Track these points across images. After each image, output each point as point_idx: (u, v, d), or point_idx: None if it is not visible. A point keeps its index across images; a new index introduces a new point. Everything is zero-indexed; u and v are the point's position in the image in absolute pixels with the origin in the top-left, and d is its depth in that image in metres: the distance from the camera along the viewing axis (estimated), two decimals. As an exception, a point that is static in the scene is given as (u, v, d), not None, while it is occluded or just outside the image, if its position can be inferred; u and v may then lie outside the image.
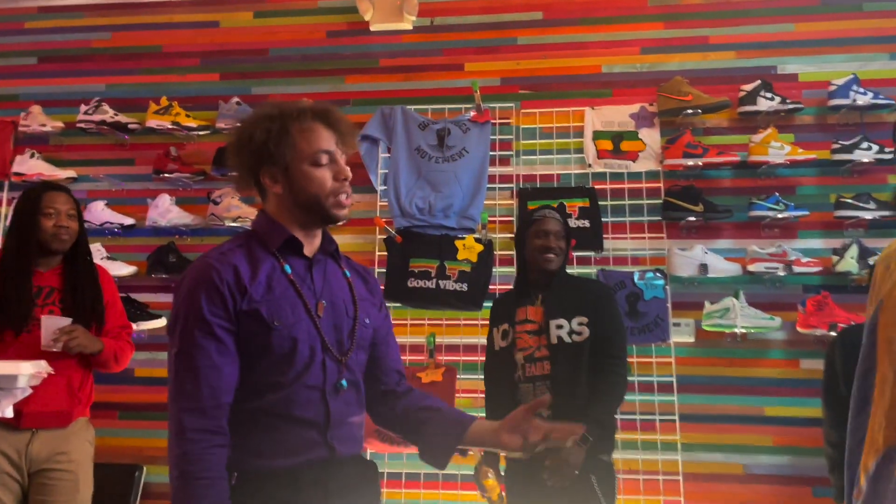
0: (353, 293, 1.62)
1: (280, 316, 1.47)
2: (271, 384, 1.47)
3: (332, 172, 1.52)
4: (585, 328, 2.45)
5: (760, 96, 3.35)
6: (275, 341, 1.45)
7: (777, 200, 3.25)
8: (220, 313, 1.43)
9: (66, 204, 2.54)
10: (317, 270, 1.58)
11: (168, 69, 3.96)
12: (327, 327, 1.53)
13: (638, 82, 3.60)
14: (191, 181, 3.73)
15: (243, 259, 1.50)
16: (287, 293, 1.50)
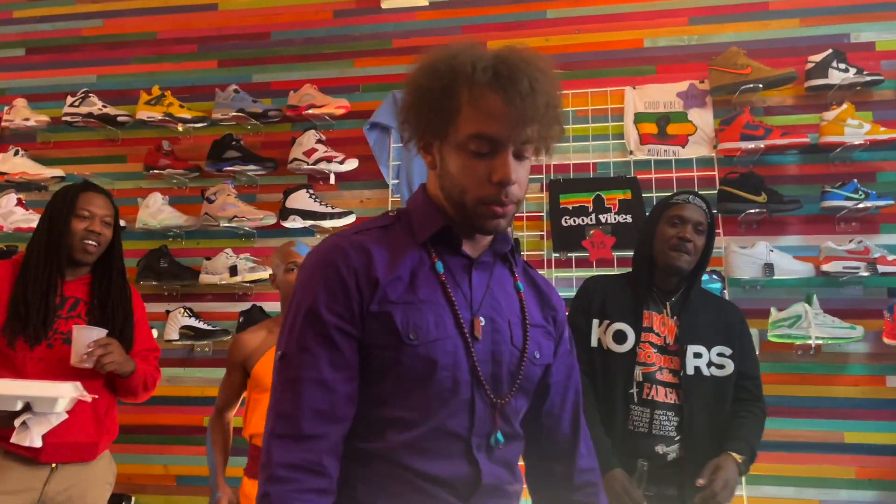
0: (524, 314, 1.20)
1: (419, 327, 1.08)
2: (395, 420, 1.09)
3: (488, 170, 1.08)
4: (729, 361, 2.03)
5: (832, 68, 2.86)
6: (406, 360, 1.07)
7: (855, 188, 2.76)
8: (342, 311, 1.08)
9: (104, 209, 2.21)
10: (479, 275, 1.17)
11: (163, 57, 3.62)
12: (483, 355, 1.12)
13: (686, 56, 3.14)
14: (185, 178, 3.37)
15: (382, 244, 1.13)
16: (433, 298, 1.11)
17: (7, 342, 2.06)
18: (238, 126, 3.39)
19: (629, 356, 2.01)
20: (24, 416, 1.94)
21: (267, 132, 3.42)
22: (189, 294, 3.31)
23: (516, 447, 1.18)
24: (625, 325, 2.04)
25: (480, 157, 1.07)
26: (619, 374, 2.01)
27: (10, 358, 2.07)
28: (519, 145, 1.07)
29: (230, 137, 3.28)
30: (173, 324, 3.17)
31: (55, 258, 2.14)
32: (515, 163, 1.08)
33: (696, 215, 2.06)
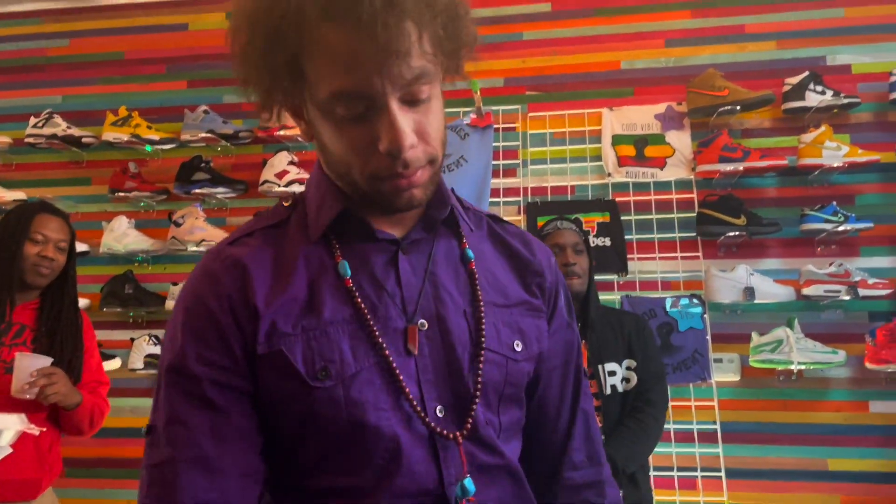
0: (475, 294, 0.89)
1: (330, 360, 0.80)
2: (335, 495, 0.82)
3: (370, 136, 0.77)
4: (633, 374, 2.06)
5: (809, 90, 2.84)
6: (322, 410, 0.80)
7: (835, 211, 2.73)
8: (218, 359, 0.80)
9: (59, 233, 2.11)
10: (410, 262, 0.88)
11: (131, 77, 3.52)
12: (431, 373, 0.84)
13: (663, 78, 3.11)
14: (153, 201, 3.27)
15: (265, 254, 0.85)
16: (344, 315, 0.82)
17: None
18: (208, 147, 3.30)
19: None
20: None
21: (238, 154, 3.33)
22: (155, 321, 3.19)
23: (508, 477, 0.89)
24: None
25: (355, 122, 0.77)
26: None
27: None
28: (402, 89, 0.76)
29: (199, 159, 3.19)
30: (138, 352, 3.05)
31: (4, 281, 2.04)
32: (406, 114, 0.77)
33: (571, 237, 2.11)
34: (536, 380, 0.96)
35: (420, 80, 0.76)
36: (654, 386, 2.07)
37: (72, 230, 2.18)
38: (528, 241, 1.00)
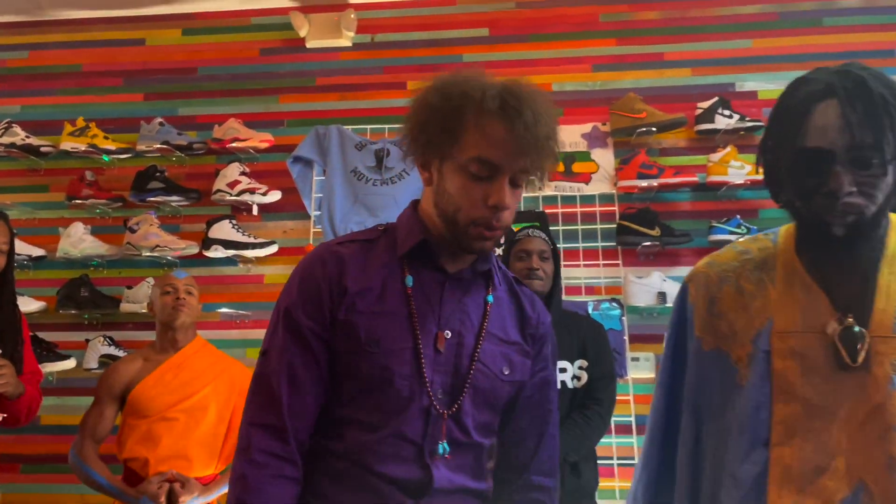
0: (483, 325, 1.24)
1: (379, 338, 1.16)
2: (356, 422, 1.18)
3: (485, 193, 1.13)
4: (585, 374, 2.26)
5: (718, 114, 3.15)
6: (365, 368, 1.16)
7: (738, 224, 3.02)
8: (314, 314, 1.18)
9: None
10: (451, 290, 1.23)
11: (88, 89, 3.67)
12: (443, 367, 1.19)
13: (590, 101, 3.39)
14: (108, 208, 3.42)
15: (359, 255, 1.22)
16: (399, 310, 1.19)
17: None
18: (162, 158, 3.46)
19: None
20: None
21: (192, 164, 3.50)
22: (109, 323, 3.34)
23: (472, 455, 1.22)
24: None
25: (478, 180, 1.13)
26: None
27: None
28: (516, 173, 1.14)
29: (154, 169, 3.35)
30: (93, 352, 3.19)
31: None
32: (509, 189, 1.14)
33: (539, 245, 2.30)
34: (514, 404, 1.29)
35: (525, 173, 1.16)
36: (603, 386, 2.27)
37: (11, 231, 2.24)
38: (534, 303, 1.35)
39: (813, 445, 1.08)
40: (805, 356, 1.12)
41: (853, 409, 1.07)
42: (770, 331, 1.16)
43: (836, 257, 1.14)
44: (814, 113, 1.09)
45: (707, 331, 1.24)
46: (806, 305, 1.14)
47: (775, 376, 1.13)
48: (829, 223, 1.07)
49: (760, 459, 1.12)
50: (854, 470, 1.05)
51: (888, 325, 1.07)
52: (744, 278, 1.23)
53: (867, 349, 1.07)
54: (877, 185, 1.06)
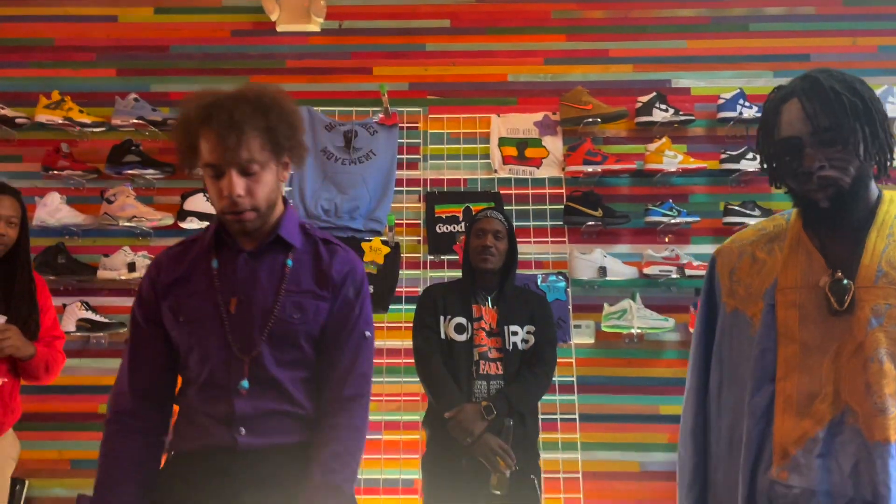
0: (281, 285, 1.55)
1: (186, 311, 1.53)
2: (188, 378, 1.57)
3: (220, 189, 1.46)
4: (532, 337, 2.55)
5: (656, 108, 3.50)
6: (180, 335, 1.54)
7: (671, 207, 3.39)
8: (145, 307, 1.58)
9: (9, 209, 2.35)
10: (246, 264, 1.56)
11: (61, 63, 3.77)
12: (236, 324, 1.52)
13: (542, 91, 3.70)
14: (83, 179, 3.56)
15: (179, 254, 1.60)
16: (200, 289, 1.54)
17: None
18: (136, 132, 3.61)
19: (468, 343, 2.51)
20: None
21: (165, 139, 3.65)
22: (85, 289, 3.49)
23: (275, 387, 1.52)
24: (462, 318, 2.54)
25: (216, 179, 1.46)
26: (462, 357, 2.49)
27: None
28: (237, 166, 1.43)
29: (130, 142, 3.51)
30: (70, 317, 3.35)
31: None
32: (243, 179, 1.44)
33: (495, 225, 2.59)
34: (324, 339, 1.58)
35: (250, 162, 1.44)
36: (547, 349, 2.56)
37: (23, 206, 2.42)
38: (333, 257, 1.62)
39: (808, 378, 1.31)
40: (803, 306, 1.35)
41: (841, 346, 1.29)
42: (775, 287, 1.41)
43: (833, 227, 1.38)
44: (782, 111, 1.38)
45: (729, 295, 1.50)
46: (806, 267, 1.39)
47: (779, 324, 1.38)
48: (815, 199, 1.33)
49: (768, 392, 1.36)
50: (841, 395, 1.27)
51: (871, 277, 1.29)
52: (759, 249, 1.48)
53: (852, 297, 1.30)
54: (845, 158, 1.31)
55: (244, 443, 1.50)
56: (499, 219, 2.61)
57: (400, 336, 3.31)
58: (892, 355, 1.26)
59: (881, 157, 1.37)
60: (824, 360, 1.31)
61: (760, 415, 1.37)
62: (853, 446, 1.26)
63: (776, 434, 1.34)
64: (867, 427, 1.25)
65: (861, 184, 1.34)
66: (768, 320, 1.40)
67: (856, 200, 1.34)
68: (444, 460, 2.45)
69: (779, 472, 1.32)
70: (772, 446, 1.34)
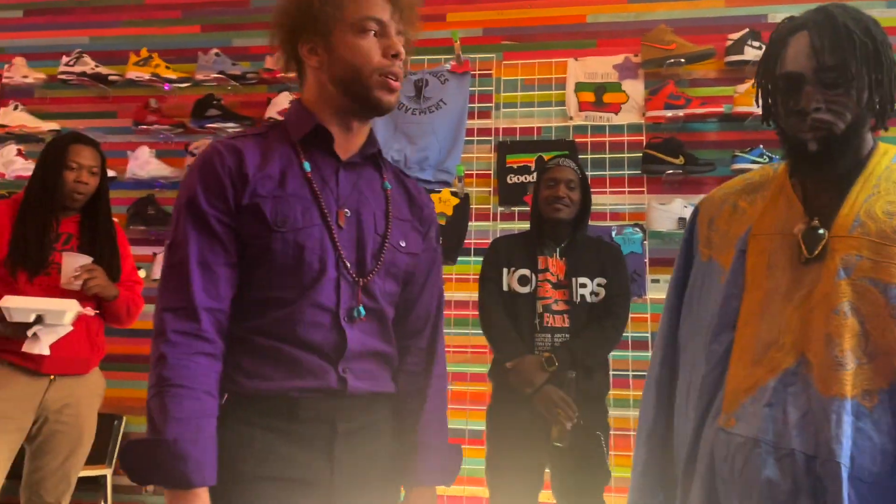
0: (388, 208, 1.36)
1: (286, 217, 1.24)
2: (273, 300, 1.25)
3: (382, 47, 1.27)
4: (603, 290, 2.46)
5: (748, 45, 3.22)
6: (276, 246, 1.23)
7: (761, 153, 3.14)
8: (218, 204, 1.23)
9: (91, 160, 2.50)
10: (346, 174, 1.32)
11: (149, 21, 3.92)
12: (347, 241, 1.29)
13: (623, 32, 3.49)
14: (171, 133, 3.71)
15: (254, 147, 1.28)
16: (301, 193, 1.26)
17: (9, 272, 2.37)
18: (219, 87, 3.71)
19: (531, 295, 2.43)
20: (36, 327, 2.26)
21: (246, 93, 3.74)
22: (174, 239, 3.67)
23: (383, 323, 1.34)
24: (526, 269, 2.46)
25: (370, 37, 1.27)
26: (524, 310, 2.42)
27: (13, 286, 2.37)
28: (398, 26, 1.30)
29: (212, 97, 3.62)
30: (160, 265, 3.54)
31: (49, 202, 2.45)
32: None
33: (567, 174, 2.47)
34: (410, 277, 1.41)
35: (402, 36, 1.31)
36: (619, 302, 2.47)
37: (102, 156, 2.56)
38: (417, 188, 1.47)
39: (768, 326, 1.24)
40: (773, 252, 1.29)
41: (806, 296, 1.22)
42: (748, 234, 1.34)
43: (817, 174, 1.27)
44: (789, 43, 1.25)
45: (706, 244, 1.42)
46: (785, 215, 1.30)
47: (747, 271, 1.31)
48: (804, 140, 1.22)
49: (727, 340, 1.30)
50: (798, 345, 1.20)
51: (847, 226, 1.22)
52: (742, 198, 1.40)
53: (825, 246, 1.22)
54: (844, 103, 1.20)
55: (354, 386, 1.28)
56: (571, 167, 2.50)
57: (468, 288, 3.27)
58: (857, 309, 1.18)
59: (882, 107, 1.25)
60: (787, 308, 1.24)
61: (716, 362, 1.31)
62: (803, 398, 1.19)
63: (728, 382, 1.28)
64: (822, 380, 1.17)
65: (854, 132, 1.23)
66: (737, 266, 1.33)
67: (846, 149, 1.24)
68: (506, 411, 2.42)
69: (726, 419, 1.26)
70: (723, 394, 1.28)
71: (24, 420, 2.41)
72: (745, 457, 1.23)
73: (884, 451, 1.14)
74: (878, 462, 1.14)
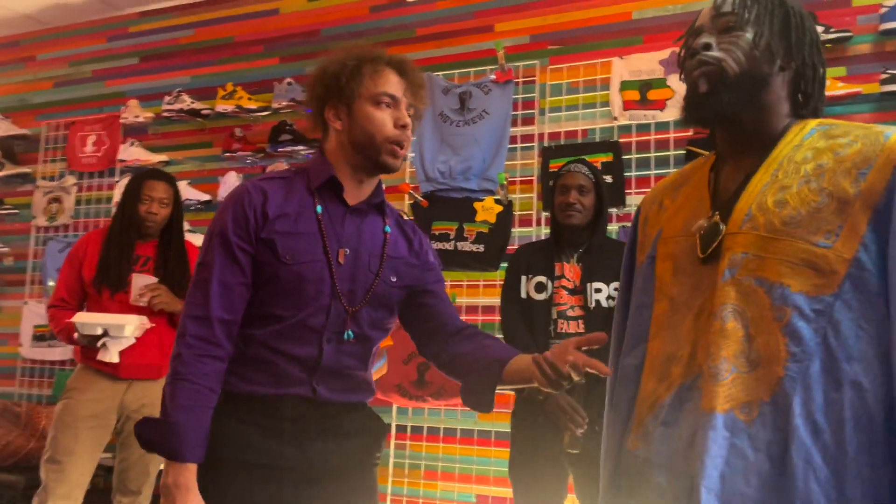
0: (384, 250, 1.59)
1: (293, 252, 1.49)
2: (273, 316, 1.50)
3: (393, 118, 1.52)
4: None
5: (799, 28, 2.99)
6: (282, 275, 1.48)
7: (813, 143, 2.90)
8: (242, 234, 1.48)
9: (161, 192, 2.89)
10: (352, 219, 1.56)
11: (237, 58, 4.34)
12: (343, 275, 1.52)
13: (670, 25, 3.36)
14: (254, 158, 4.09)
15: (278, 189, 1.54)
16: (310, 231, 1.51)
17: (96, 290, 2.82)
18: (293, 113, 4.04)
19: (547, 302, 2.46)
20: (104, 339, 2.67)
21: (317, 116, 4.03)
22: (259, 254, 4.03)
23: (365, 346, 1.57)
24: (543, 276, 2.49)
25: (384, 109, 1.51)
26: (540, 316, 2.45)
27: (98, 301, 2.81)
28: (411, 103, 1.55)
29: (284, 123, 3.95)
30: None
31: (128, 230, 2.86)
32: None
33: (579, 180, 2.46)
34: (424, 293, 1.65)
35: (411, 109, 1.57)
36: None
37: (174, 188, 2.94)
38: (414, 230, 1.70)
39: (672, 337, 1.17)
40: (677, 257, 1.21)
41: (703, 301, 1.13)
42: (658, 238, 1.28)
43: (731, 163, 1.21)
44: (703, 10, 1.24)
45: (640, 249, 1.36)
46: (694, 213, 1.22)
47: (656, 279, 1.25)
48: (694, 80, 1.17)
49: (640, 353, 1.25)
50: (695, 357, 1.11)
51: (739, 221, 1.12)
52: (667, 196, 1.33)
53: (719, 244, 1.12)
54: (737, 43, 1.14)
55: (323, 394, 1.51)
56: (583, 172, 2.51)
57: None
58: (740, 313, 1.07)
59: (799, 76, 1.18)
60: (688, 317, 1.15)
61: (630, 377, 1.25)
62: (694, 415, 1.08)
63: (638, 400, 1.21)
64: (705, 394, 1.07)
65: (754, 84, 1.15)
66: (648, 273, 1.26)
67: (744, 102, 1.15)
68: (525, 416, 2.47)
69: (633, 440, 1.19)
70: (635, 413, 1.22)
71: (108, 418, 2.81)
72: (641, 480, 1.16)
73: (759, 471, 1.02)
74: (753, 484, 1.02)
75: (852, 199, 1.05)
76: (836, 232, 1.04)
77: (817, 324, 1.02)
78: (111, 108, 4.58)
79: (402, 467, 3.44)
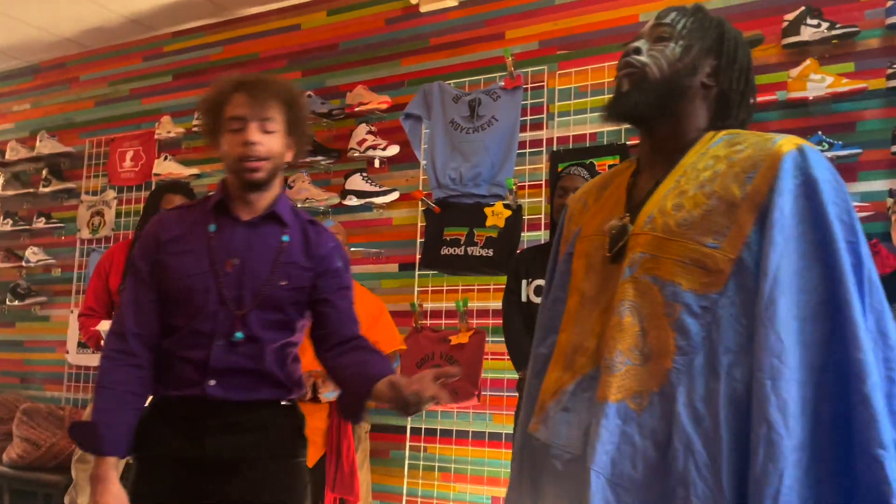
0: (277, 257, 1.72)
1: (180, 267, 1.69)
2: (173, 326, 1.71)
3: (240, 140, 1.63)
4: None
5: (804, 24, 2.97)
6: (175, 288, 1.69)
7: (820, 140, 2.87)
8: (146, 259, 1.73)
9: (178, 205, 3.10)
10: (243, 231, 1.71)
11: (264, 73, 4.48)
12: (230, 283, 1.67)
13: (677, 27, 3.36)
14: (278, 170, 4.23)
15: (175, 216, 1.78)
16: (198, 248, 1.69)
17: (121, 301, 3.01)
18: (314, 124, 4.15)
19: None
20: None
21: (338, 127, 4.15)
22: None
23: (257, 345, 1.68)
24: (542, 280, 2.50)
25: (236, 132, 1.64)
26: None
27: None
28: (262, 119, 1.64)
29: (305, 134, 4.07)
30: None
31: None
32: (260, 133, 1.64)
33: (576, 183, 2.51)
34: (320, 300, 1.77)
35: (269, 121, 1.66)
36: None
37: (191, 199, 3.10)
38: (318, 235, 1.80)
39: (579, 330, 1.26)
40: (590, 255, 1.30)
41: (609, 297, 1.21)
42: (577, 236, 1.37)
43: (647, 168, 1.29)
44: None
45: (564, 242, 1.45)
46: (611, 214, 1.30)
47: (572, 275, 1.34)
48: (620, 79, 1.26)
49: (551, 344, 1.35)
50: (599, 349, 1.20)
51: (642, 222, 1.20)
52: (591, 196, 1.41)
53: (624, 244, 1.21)
54: (664, 53, 1.23)
55: (213, 393, 1.66)
56: (582, 176, 2.56)
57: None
58: (637, 309, 1.15)
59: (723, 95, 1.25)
60: (594, 312, 1.24)
61: (541, 366, 1.34)
62: (591, 404, 1.18)
63: (543, 387, 1.31)
64: (602, 384, 1.16)
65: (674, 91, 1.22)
66: (564, 269, 1.36)
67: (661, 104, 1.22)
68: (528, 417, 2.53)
69: (534, 423, 1.29)
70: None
71: None
72: (541, 461, 1.27)
73: (645, 456, 1.11)
74: (639, 468, 1.11)
75: (739, 202, 1.11)
76: (724, 233, 1.11)
77: (704, 320, 1.09)
78: (148, 125, 4.81)
79: (417, 468, 3.52)
